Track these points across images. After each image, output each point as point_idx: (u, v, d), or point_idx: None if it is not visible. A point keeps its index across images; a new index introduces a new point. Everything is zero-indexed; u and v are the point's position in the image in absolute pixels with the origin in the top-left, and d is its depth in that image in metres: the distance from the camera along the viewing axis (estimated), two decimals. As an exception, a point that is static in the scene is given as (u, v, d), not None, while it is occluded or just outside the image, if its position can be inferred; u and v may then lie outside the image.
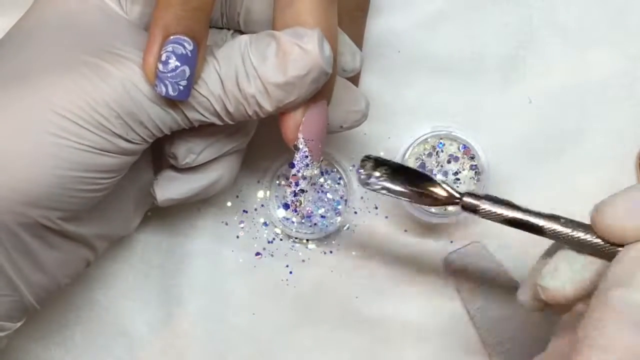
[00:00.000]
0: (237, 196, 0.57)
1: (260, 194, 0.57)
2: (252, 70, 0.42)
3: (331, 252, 0.57)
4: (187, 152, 0.47)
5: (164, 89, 0.41)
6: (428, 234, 0.57)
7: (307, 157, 0.45)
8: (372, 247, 0.57)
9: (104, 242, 0.49)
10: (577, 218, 0.58)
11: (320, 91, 0.44)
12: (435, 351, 0.56)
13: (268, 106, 0.43)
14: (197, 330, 0.56)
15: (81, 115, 0.41)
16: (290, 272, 0.57)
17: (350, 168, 0.57)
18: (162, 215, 0.56)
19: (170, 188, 0.49)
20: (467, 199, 0.43)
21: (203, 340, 0.56)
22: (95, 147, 0.41)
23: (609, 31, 0.57)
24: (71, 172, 0.41)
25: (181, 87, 0.41)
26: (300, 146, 0.44)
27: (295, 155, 0.45)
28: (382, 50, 0.57)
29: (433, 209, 0.54)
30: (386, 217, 0.57)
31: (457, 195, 0.43)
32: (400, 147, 0.55)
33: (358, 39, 0.55)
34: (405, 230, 0.57)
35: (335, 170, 0.57)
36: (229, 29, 0.48)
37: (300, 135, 0.44)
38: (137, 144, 0.43)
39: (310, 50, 0.41)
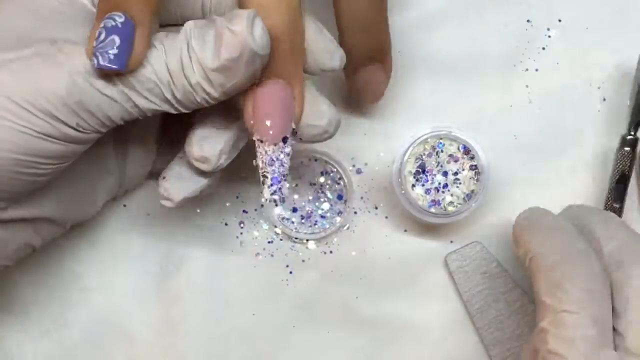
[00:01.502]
0: (237, 196, 0.57)
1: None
2: (195, 55, 0.42)
3: (331, 252, 0.57)
4: (220, 154, 0.46)
5: (95, 61, 0.41)
6: (428, 234, 0.57)
7: (260, 141, 0.44)
8: (372, 247, 0.57)
9: (54, 227, 0.49)
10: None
11: (269, 72, 0.43)
12: (435, 351, 0.56)
13: (213, 92, 0.43)
14: (197, 330, 0.56)
15: (27, 98, 0.41)
16: (290, 272, 0.57)
17: (350, 168, 0.57)
18: (161, 215, 0.56)
19: (183, 187, 0.49)
20: None
21: (203, 340, 0.56)
22: (38, 131, 0.41)
23: (609, 31, 0.57)
24: (10, 154, 0.41)
25: (111, 56, 0.41)
26: (253, 131, 0.44)
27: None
28: (382, 50, 0.57)
29: (433, 209, 0.54)
30: (386, 217, 0.57)
31: None
32: (400, 147, 0.55)
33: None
34: (405, 230, 0.57)
35: (335, 170, 0.57)
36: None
37: (251, 120, 0.44)
38: (85, 133, 0.43)
39: (238, 32, 0.41)
